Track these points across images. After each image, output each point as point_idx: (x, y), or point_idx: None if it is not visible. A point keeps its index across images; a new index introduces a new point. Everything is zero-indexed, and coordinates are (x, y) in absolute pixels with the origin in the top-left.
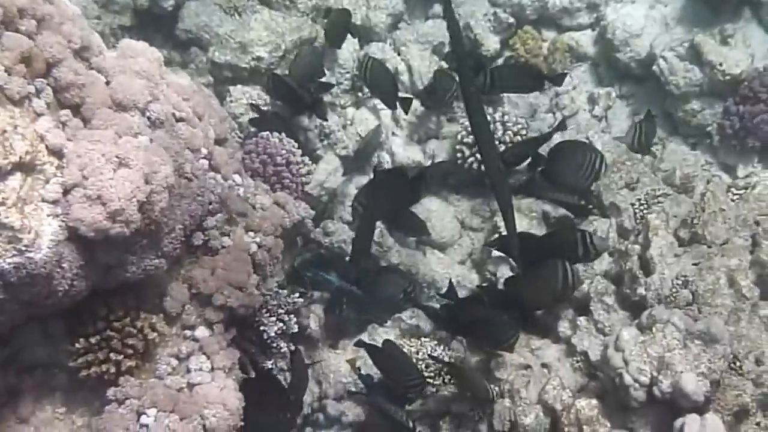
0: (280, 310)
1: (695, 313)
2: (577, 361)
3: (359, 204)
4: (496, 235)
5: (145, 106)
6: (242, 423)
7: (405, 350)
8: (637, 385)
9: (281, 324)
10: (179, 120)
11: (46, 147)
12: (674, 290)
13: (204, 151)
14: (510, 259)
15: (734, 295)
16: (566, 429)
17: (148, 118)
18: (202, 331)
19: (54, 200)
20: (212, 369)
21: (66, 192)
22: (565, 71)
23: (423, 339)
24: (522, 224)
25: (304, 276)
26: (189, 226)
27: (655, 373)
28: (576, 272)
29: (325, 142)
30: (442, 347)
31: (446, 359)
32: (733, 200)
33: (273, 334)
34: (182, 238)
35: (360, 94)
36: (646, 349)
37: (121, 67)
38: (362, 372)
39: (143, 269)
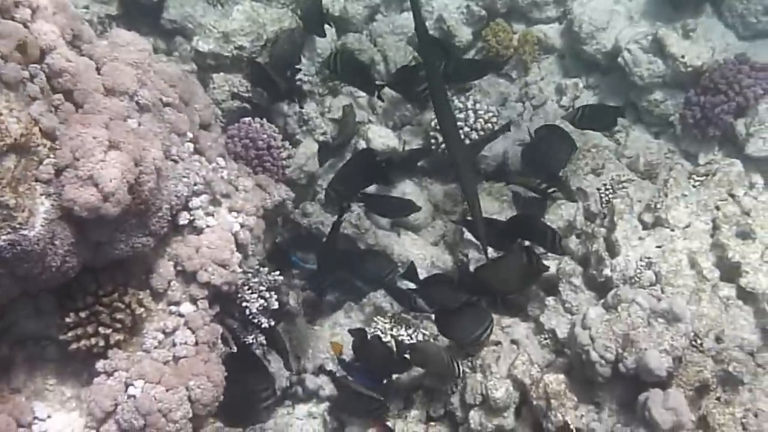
0: (261, 288)
1: (658, 293)
2: (545, 339)
3: (333, 190)
4: (466, 217)
5: (134, 92)
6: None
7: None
8: (602, 361)
9: (262, 300)
10: (166, 105)
11: (40, 130)
12: (638, 271)
13: (189, 135)
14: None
15: (696, 276)
16: (535, 402)
17: (137, 103)
18: (186, 307)
19: (47, 180)
20: (197, 343)
21: (58, 173)
22: (506, 58)
23: (395, 318)
24: (493, 207)
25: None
26: (175, 206)
27: (620, 350)
28: (540, 260)
29: (304, 128)
30: (412, 328)
31: (411, 339)
32: (694, 186)
33: (255, 310)
34: (169, 218)
35: (332, 83)
36: (612, 327)
37: (111, 55)
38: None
39: (131, 247)
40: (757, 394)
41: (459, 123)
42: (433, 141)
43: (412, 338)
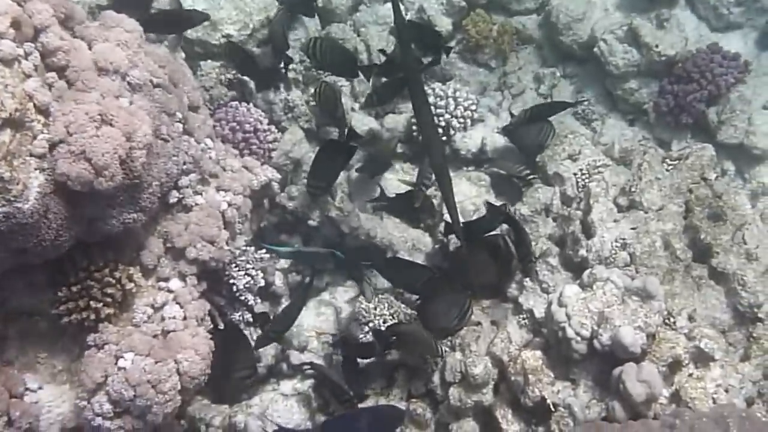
0: (248, 266)
1: (633, 273)
2: (524, 319)
3: (311, 187)
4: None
5: (125, 71)
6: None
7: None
8: (578, 338)
9: (249, 278)
10: (156, 86)
11: (34, 105)
12: (613, 252)
13: (179, 115)
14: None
15: (669, 256)
16: (513, 378)
17: (128, 83)
18: (175, 283)
19: (41, 155)
20: (185, 318)
21: (52, 147)
22: (450, 45)
23: (379, 297)
24: (472, 191)
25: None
26: (165, 184)
27: (595, 327)
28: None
29: (290, 115)
30: (393, 308)
31: (394, 320)
32: (667, 170)
33: (241, 287)
34: (159, 195)
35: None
36: (587, 305)
37: (102, 35)
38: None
39: (122, 222)
40: (728, 370)
41: (440, 109)
42: (414, 129)
43: (393, 318)
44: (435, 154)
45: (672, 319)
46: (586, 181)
